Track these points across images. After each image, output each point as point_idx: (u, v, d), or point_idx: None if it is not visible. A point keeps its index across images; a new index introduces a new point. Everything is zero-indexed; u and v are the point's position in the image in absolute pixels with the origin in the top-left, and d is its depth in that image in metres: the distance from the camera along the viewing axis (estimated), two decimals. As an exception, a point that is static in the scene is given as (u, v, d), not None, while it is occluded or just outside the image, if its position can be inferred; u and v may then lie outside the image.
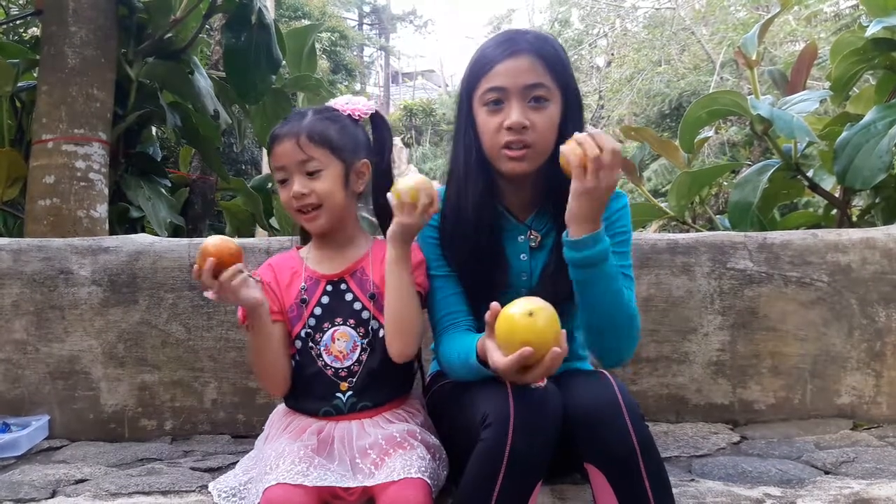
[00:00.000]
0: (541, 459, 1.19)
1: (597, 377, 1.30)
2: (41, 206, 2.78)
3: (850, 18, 10.98)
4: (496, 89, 1.38)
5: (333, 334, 1.41)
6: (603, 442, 1.20)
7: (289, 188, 1.41)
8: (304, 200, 1.39)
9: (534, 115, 1.38)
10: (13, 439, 1.79)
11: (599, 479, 1.22)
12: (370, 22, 31.54)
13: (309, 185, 1.39)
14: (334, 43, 17.39)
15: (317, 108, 1.48)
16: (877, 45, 2.71)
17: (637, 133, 3.44)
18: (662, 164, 11.14)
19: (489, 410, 1.20)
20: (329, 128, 1.42)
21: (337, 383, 1.40)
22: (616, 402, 1.22)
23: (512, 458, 1.15)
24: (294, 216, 1.45)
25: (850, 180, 2.48)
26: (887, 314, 2.02)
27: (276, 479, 1.21)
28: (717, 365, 2.03)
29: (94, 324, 1.96)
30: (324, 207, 1.40)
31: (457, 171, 1.47)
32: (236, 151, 8.59)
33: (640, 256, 1.98)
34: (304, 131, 1.39)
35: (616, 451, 1.19)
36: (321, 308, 1.42)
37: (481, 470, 1.18)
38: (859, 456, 1.68)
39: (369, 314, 1.42)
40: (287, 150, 1.39)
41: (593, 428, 1.21)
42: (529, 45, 1.39)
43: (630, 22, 17.84)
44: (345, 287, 1.44)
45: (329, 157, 1.40)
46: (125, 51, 3.17)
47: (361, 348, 1.41)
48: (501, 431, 1.16)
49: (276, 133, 1.43)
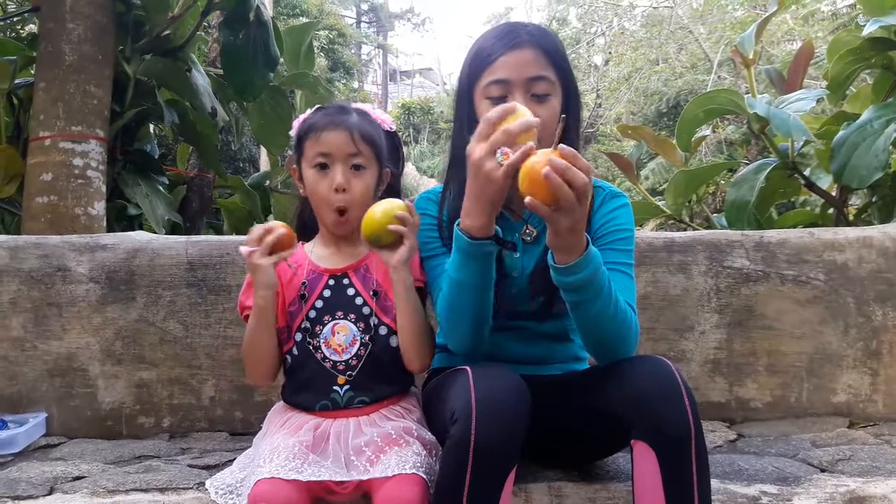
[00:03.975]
0: (508, 450, 1.18)
1: (655, 359, 1.28)
2: (38, 204, 2.77)
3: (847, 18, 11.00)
4: (499, 82, 1.37)
5: (333, 327, 1.42)
6: (660, 418, 1.19)
7: (329, 177, 1.43)
8: (344, 197, 1.42)
9: (537, 107, 1.35)
10: (10, 436, 1.78)
11: (648, 457, 1.20)
12: (368, 20, 31.51)
13: (351, 179, 1.43)
14: (332, 41, 17.36)
15: (357, 108, 1.51)
16: (874, 45, 2.72)
17: (634, 132, 3.45)
18: (660, 163, 11.15)
19: (455, 407, 1.20)
20: (377, 131, 1.48)
21: (335, 376, 1.41)
22: (676, 380, 1.21)
23: (477, 451, 1.15)
24: (323, 212, 1.46)
25: (846, 179, 2.49)
26: (884, 312, 2.02)
27: (269, 472, 1.22)
28: (714, 363, 2.03)
29: (91, 321, 1.96)
30: (355, 211, 1.43)
31: (458, 165, 1.44)
32: (234, 149, 8.57)
33: (637, 254, 1.96)
34: (356, 128, 1.43)
35: (673, 428, 1.18)
36: (322, 301, 1.44)
37: (452, 465, 1.18)
38: (855, 454, 1.68)
39: (370, 310, 1.44)
40: (340, 139, 1.42)
41: (653, 403, 1.20)
42: (531, 36, 1.39)
43: (628, 21, 17.84)
44: (347, 282, 1.46)
45: (372, 158, 1.45)
46: (122, 48, 3.17)
47: (361, 343, 1.42)
48: (466, 426, 1.16)
49: (325, 121, 1.45)
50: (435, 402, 1.36)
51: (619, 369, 1.30)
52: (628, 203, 1.51)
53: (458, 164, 1.42)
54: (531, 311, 1.46)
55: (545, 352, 1.52)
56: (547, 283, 1.35)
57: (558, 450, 1.49)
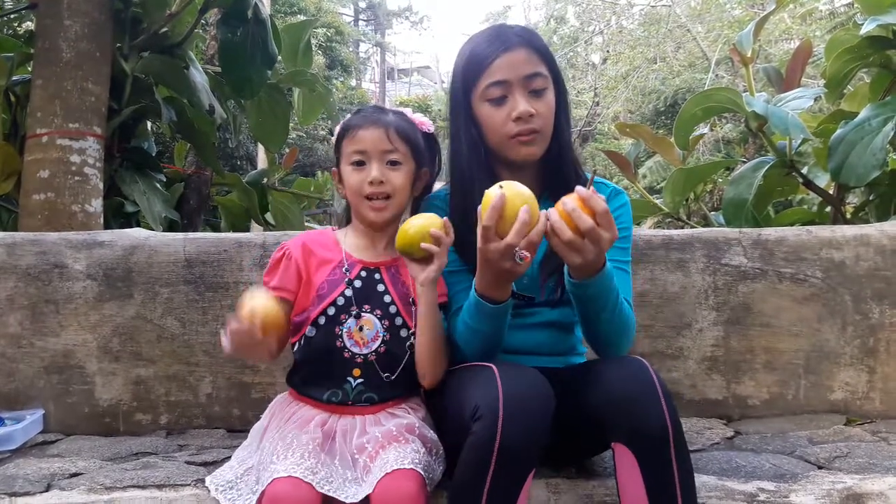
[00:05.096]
0: (531, 451, 1.20)
1: (631, 360, 1.31)
2: (36, 201, 2.76)
3: (844, 17, 11.02)
4: (499, 83, 1.44)
5: (359, 320, 1.43)
6: (637, 420, 1.21)
7: (365, 172, 1.45)
8: (380, 188, 1.45)
9: (536, 103, 1.44)
10: (7, 433, 1.78)
11: (627, 460, 1.22)
12: (366, 18, 31.47)
13: (387, 174, 1.45)
14: (330, 39, 17.35)
15: (394, 109, 1.54)
16: (871, 43, 2.72)
17: (633, 130, 3.44)
18: (657, 161, 11.15)
19: (479, 403, 1.21)
20: (413, 129, 1.51)
21: (351, 368, 1.42)
22: (652, 382, 1.23)
23: (502, 450, 1.16)
24: (357, 203, 1.48)
25: (844, 177, 2.49)
26: (881, 310, 2.03)
27: (285, 470, 1.22)
28: (711, 360, 2.04)
29: (88, 318, 1.96)
30: (393, 200, 1.47)
31: (460, 171, 1.51)
32: (231, 146, 8.57)
33: (635, 252, 1.97)
34: (392, 125, 1.46)
35: (650, 429, 1.20)
36: (352, 290, 1.44)
37: (473, 462, 1.19)
38: (852, 451, 1.69)
39: (396, 309, 1.45)
40: (375, 136, 1.45)
41: (629, 406, 1.22)
42: (520, 37, 1.46)
43: (626, 19, 17.83)
44: (378, 277, 1.47)
45: (408, 155, 1.48)
46: (120, 45, 3.16)
47: (382, 340, 1.43)
48: (491, 424, 1.17)
49: (361, 121, 1.48)
50: (452, 397, 1.37)
51: (598, 370, 1.34)
52: (629, 201, 1.58)
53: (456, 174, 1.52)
54: (542, 298, 1.51)
55: (548, 340, 1.54)
56: (556, 266, 1.43)
57: (557, 445, 1.49)
